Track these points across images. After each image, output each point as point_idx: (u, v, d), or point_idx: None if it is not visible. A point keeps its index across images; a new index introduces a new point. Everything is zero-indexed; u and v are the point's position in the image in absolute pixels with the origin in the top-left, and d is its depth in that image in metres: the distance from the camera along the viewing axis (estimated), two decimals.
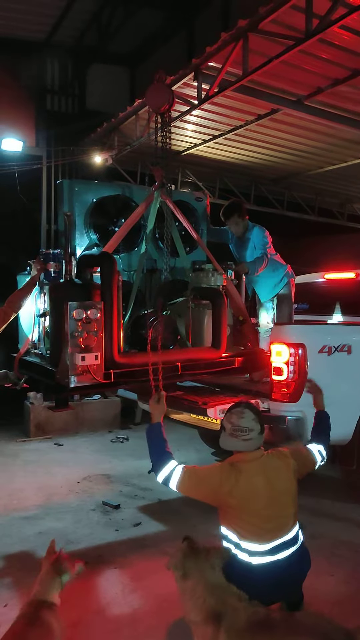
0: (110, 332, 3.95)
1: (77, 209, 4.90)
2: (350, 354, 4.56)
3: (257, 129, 6.92)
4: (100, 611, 3.30)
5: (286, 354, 4.31)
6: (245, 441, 2.70)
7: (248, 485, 2.62)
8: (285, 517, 2.69)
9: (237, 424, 2.72)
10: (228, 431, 2.74)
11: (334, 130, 6.79)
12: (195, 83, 5.65)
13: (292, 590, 2.74)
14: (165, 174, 4.78)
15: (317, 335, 4.63)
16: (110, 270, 4.03)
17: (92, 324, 3.85)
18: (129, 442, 7.22)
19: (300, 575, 2.76)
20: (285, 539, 2.65)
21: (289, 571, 2.65)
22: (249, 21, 4.69)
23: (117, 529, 4.51)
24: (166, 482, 2.71)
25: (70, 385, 3.81)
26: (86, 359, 3.79)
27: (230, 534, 2.66)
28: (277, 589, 2.64)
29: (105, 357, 3.92)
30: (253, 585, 2.51)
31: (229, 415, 2.79)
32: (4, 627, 3.09)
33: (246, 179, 9.47)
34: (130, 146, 7.48)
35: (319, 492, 4.97)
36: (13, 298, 4.14)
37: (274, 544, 2.62)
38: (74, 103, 9.54)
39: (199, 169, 8.98)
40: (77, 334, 3.79)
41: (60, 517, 4.72)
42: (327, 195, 10.44)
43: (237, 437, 2.71)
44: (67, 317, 3.76)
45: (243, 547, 2.60)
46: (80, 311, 3.79)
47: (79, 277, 4.29)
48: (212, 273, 4.83)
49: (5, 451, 6.77)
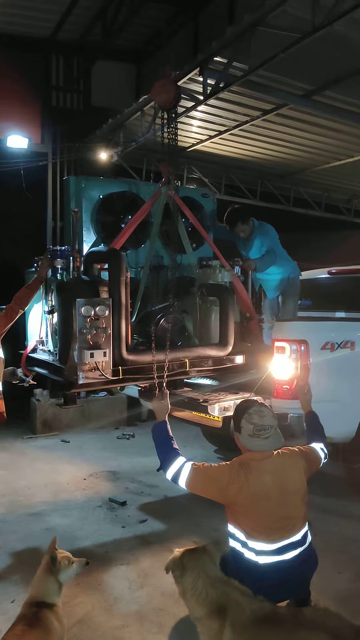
0: (118, 328, 3.95)
1: (84, 205, 4.89)
2: (354, 350, 4.49)
3: (263, 124, 6.87)
4: (107, 608, 3.31)
5: (288, 351, 4.26)
6: (266, 439, 2.69)
7: (258, 484, 2.60)
8: (295, 517, 2.67)
9: (260, 424, 2.69)
10: (248, 432, 2.69)
11: (341, 125, 6.74)
12: (200, 78, 5.61)
13: (297, 590, 2.72)
14: (172, 170, 4.76)
15: (320, 331, 4.56)
16: (118, 267, 4.02)
17: (101, 321, 3.85)
18: (135, 439, 7.22)
19: (307, 575, 2.74)
20: (293, 539, 2.63)
21: (295, 571, 2.63)
22: (255, 15, 4.66)
23: (124, 525, 4.51)
24: (175, 480, 2.69)
25: (78, 381, 3.81)
26: (94, 356, 3.80)
27: (237, 533, 2.64)
28: (283, 588, 2.61)
29: (114, 354, 3.92)
30: (258, 584, 2.50)
31: (247, 416, 2.73)
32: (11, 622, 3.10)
33: (252, 175, 9.43)
34: (135, 142, 7.45)
35: (324, 490, 4.95)
36: (20, 295, 4.11)
37: (282, 544, 2.59)
38: (80, 100, 9.51)
39: (205, 165, 8.94)
40: (86, 331, 3.79)
41: (66, 514, 4.73)
42: (334, 191, 10.37)
43: (259, 437, 2.68)
44: (76, 314, 3.76)
45: (250, 546, 2.59)
46: (89, 308, 3.78)
47: (87, 273, 4.28)
48: (219, 269, 4.82)
49: (12, 448, 6.80)
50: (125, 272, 4.09)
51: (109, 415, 7.91)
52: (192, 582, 2.45)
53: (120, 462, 6.20)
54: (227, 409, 4.28)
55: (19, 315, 4.09)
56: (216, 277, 4.80)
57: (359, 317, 5.41)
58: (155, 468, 2.90)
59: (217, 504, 2.73)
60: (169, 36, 9.00)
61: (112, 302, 3.93)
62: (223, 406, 4.26)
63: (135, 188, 5.29)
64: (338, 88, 5.74)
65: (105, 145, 7.86)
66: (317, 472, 2.93)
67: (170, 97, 4.66)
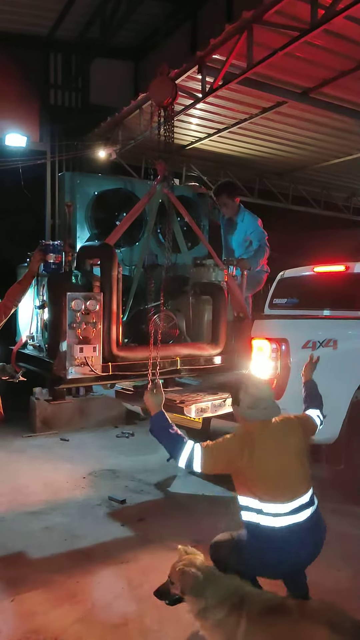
0: (109, 324, 3.91)
1: (78, 201, 4.87)
2: (336, 349, 4.34)
3: (262, 122, 6.86)
4: (106, 605, 3.31)
5: (268, 350, 4.13)
6: (265, 409, 2.84)
7: (264, 447, 2.73)
8: (302, 476, 2.81)
9: (258, 396, 2.84)
10: (247, 404, 2.83)
11: (340, 123, 6.73)
12: (199, 76, 5.61)
13: (315, 551, 2.79)
14: (168, 167, 4.75)
15: (301, 329, 4.42)
16: (110, 262, 3.99)
17: (91, 316, 3.82)
18: (134, 438, 7.22)
19: (320, 537, 2.83)
20: (304, 499, 2.75)
21: (310, 532, 2.74)
22: (254, 12, 4.65)
23: (123, 524, 4.51)
24: (189, 465, 2.74)
25: (67, 377, 3.78)
26: (84, 351, 3.76)
27: (250, 502, 2.72)
28: (302, 550, 2.71)
29: (104, 350, 3.88)
30: (279, 550, 2.62)
31: (245, 389, 2.88)
32: (11, 622, 3.11)
33: (251, 172, 9.41)
34: (134, 141, 7.45)
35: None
36: (12, 291, 4.04)
37: (295, 504, 2.71)
38: (78, 98, 9.51)
39: (204, 163, 8.93)
40: (76, 325, 3.76)
41: (66, 512, 4.72)
42: (333, 188, 10.37)
43: (258, 408, 2.82)
44: (66, 307, 3.73)
45: (266, 511, 2.68)
46: (79, 302, 3.76)
47: (79, 268, 4.24)
48: (213, 268, 4.79)
49: (11, 447, 6.79)
50: (118, 268, 4.05)
51: (108, 414, 7.90)
52: (215, 593, 2.49)
53: (120, 460, 6.20)
54: (205, 410, 4.14)
55: (12, 312, 4.04)
56: (210, 276, 4.76)
57: (341, 315, 5.21)
58: (153, 466, 2.91)
59: (215, 501, 2.73)
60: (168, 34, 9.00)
61: (103, 296, 3.89)
62: (200, 407, 4.11)
63: (130, 185, 5.28)
64: (336, 85, 5.73)
65: (103, 143, 7.85)
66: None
67: (168, 95, 4.65)
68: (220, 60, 5.32)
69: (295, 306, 6.24)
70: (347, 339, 4.48)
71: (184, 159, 8.53)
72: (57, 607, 3.26)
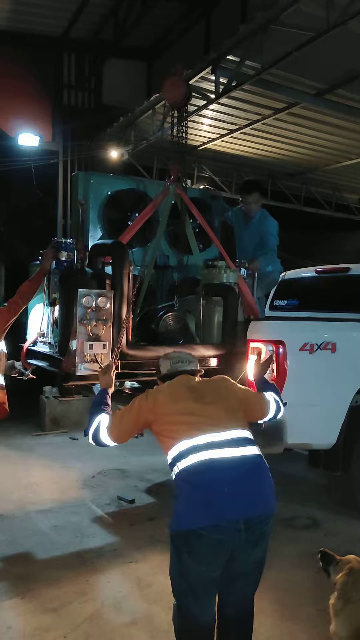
0: (119, 322, 3.92)
1: (91, 201, 4.88)
2: (335, 352, 4.22)
3: (275, 123, 6.85)
4: (116, 605, 3.31)
5: (264, 353, 4.02)
6: (184, 363, 2.77)
7: (174, 388, 2.60)
8: (221, 416, 2.51)
9: (177, 357, 2.80)
10: (167, 366, 2.78)
11: (353, 124, 6.71)
12: (212, 77, 5.61)
13: (252, 503, 2.40)
14: (181, 168, 4.75)
15: (298, 332, 4.30)
16: (121, 260, 4.00)
17: (102, 313, 3.83)
18: (144, 438, 7.09)
19: (260, 489, 2.45)
20: (221, 436, 2.44)
21: (234, 473, 2.40)
22: (268, 13, 4.64)
23: (132, 523, 4.51)
24: (96, 438, 2.69)
25: (76, 373, 3.80)
26: (94, 347, 3.77)
27: (172, 453, 2.49)
28: (235, 494, 2.37)
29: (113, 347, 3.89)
30: (209, 486, 2.37)
31: (165, 356, 2.86)
32: (20, 619, 3.12)
33: (263, 173, 9.40)
34: (146, 141, 7.46)
35: (306, 497, 4.90)
36: (24, 288, 4.03)
37: (207, 438, 2.42)
38: (91, 98, 9.54)
39: (216, 164, 8.93)
40: (86, 322, 3.77)
41: (75, 511, 4.74)
42: (345, 190, 10.33)
43: (178, 362, 2.77)
44: (77, 304, 3.75)
45: (182, 451, 2.44)
46: (90, 299, 3.77)
47: (91, 266, 4.26)
48: (225, 270, 4.77)
49: (21, 445, 6.82)
50: (129, 266, 4.05)
51: None
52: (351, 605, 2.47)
53: (129, 460, 6.21)
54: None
55: (22, 309, 4.03)
56: (221, 277, 4.73)
57: (340, 317, 5.06)
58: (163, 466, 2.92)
59: None
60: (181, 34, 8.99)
61: (114, 294, 3.90)
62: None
63: (143, 186, 5.28)
64: (350, 87, 5.71)
65: (116, 143, 7.88)
66: (300, 479, 2.88)
67: (180, 96, 4.66)
68: (234, 61, 5.32)
69: (295, 308, 6.14)
70: (346, 342, 4.34)
71: (196, 159, 8.53)
72: (66, 605, 3.27)
